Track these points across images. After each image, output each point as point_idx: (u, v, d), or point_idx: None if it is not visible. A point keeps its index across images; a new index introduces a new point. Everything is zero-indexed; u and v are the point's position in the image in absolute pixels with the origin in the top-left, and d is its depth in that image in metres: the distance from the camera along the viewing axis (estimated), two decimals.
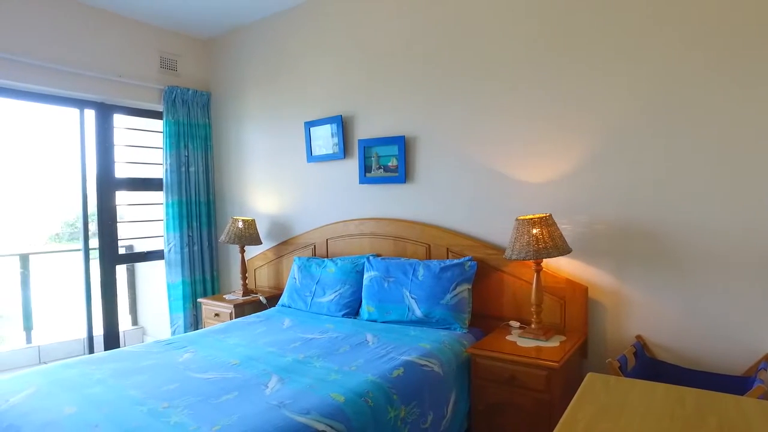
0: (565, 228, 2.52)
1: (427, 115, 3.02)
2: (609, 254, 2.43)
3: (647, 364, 2.22)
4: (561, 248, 2.28)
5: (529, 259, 2.28)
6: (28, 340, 4.74)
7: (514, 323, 2.62)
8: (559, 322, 2.53)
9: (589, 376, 1.45)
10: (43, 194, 7.45)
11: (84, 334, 3.98)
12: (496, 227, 2.78)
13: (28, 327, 4.75)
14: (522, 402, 2.16)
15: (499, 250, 2.73)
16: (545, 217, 2.33)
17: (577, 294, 2.47)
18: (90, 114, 3.81)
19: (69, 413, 1.73)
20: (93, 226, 3.91)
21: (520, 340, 2.37)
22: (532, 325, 2.42)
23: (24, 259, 4.87)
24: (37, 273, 4.95)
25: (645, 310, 2.35)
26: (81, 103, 3.75)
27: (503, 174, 2.75)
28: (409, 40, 3.09)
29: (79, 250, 4.25)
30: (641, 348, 2.27)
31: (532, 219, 2.31)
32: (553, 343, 2.30)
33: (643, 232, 2.32)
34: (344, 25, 3.41)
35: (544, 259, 2.34)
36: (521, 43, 2.64)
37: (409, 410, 1.99)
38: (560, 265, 2.56)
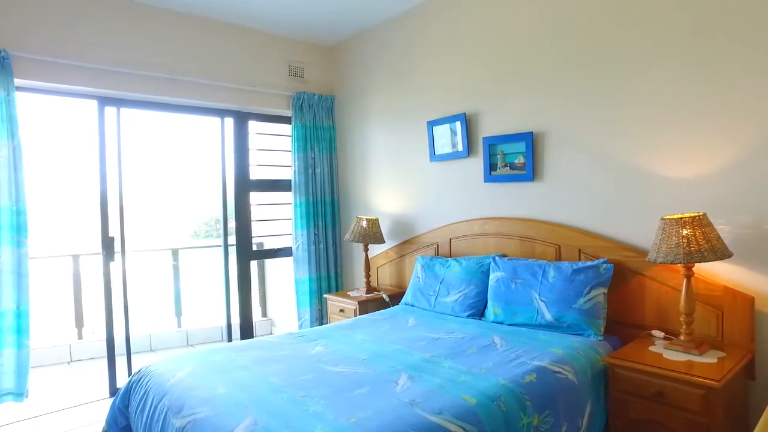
0: (723, 229, 2.22)
1: (557, 110, 2.86)
2: None
3: None
4: (718, 251, 2.02)
5: (677, 263, 2.05)
6: (178, 324, 5.34)
7: (658, 333, 2.38)
8: (714, 335, 2.25)
9: None
10: (187, 196, 8.37)
11: (223, 322, 4.37)
12: (636, 227, 2.55)
13: (178, 312, 5.36)
14: (672, 423, 1.95)
15: (639, 252, 2.50)
16: (698, 216, 2.07)
17: (740, 304, 2.17)
18: (229, 122, 4.18)
19: (221, 393, 1.90)
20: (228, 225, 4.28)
21: (667, 353, 2.14)
22: (681, 337, 2.17)
23: (175, 253, 5.51)
24: (183, 265, 5.57)
25: None
26: (221, 113, 4.12)
27: (644, 169, 2.51)
28: (536, 33, 2.95)
29: (219, 246, 4.69)
30: None
31: (681, 219, 2.08)
32: (709, 358, 2.04)
33: None
34: (467, 22, 3.36)
35: (695, 264, 2.10)
36: (669, 28, 2.39)
37: (542, 419, 1.89)
38: (716, 271, 2.27)
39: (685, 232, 2.04)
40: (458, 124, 3.35)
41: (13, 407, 3.11)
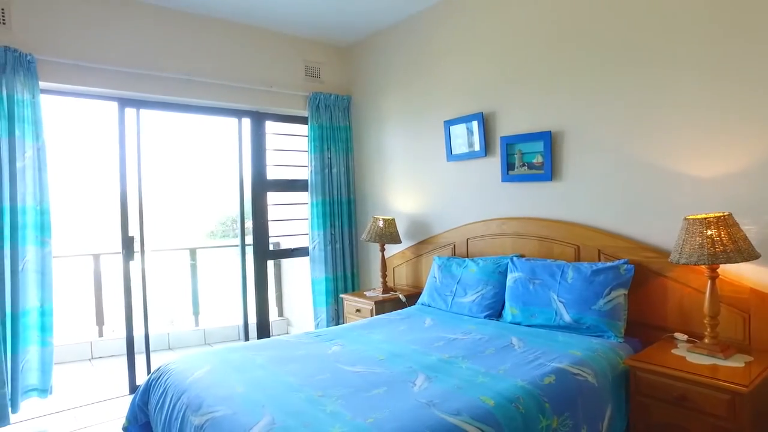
0: (749, 230, 2.16)
1: (576, 109, 2.82)
2: None
3: None
4: (745, 252, 1.97)
5: (701, 264, 2.01)
6: (196, 323, 5.39)
7: (681, 336, 2.33)
8: (741, 339, 2.19)
9: None
10: (204, 197, 8.48)
11: (240, 322, 4.41)
12: (658, 228, 2.50)
13: (195, 312, 5.41)
14: (696, 428, 1.90)
15: (661, 252, 2.45)
16: (723, 216, 2.03)
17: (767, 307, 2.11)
18: (246, 122, 4.21)
19: (239, 392, 1.91)
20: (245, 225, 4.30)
21: (690, 356, 2.09)
22: (705, 340, 2.12)
23: (192, 252, 5.56)
24: (201, 265, 5.63)
25: None
26: (239, 113, 4.15)
27: (666, 168, 2.46)
28: (554, 31, 2.92)
29: (236, 245, 4.73)
30: None
31: (705, 219, 2.03)
32: (736, 363, 1.99)
33: None
34: (483, 20, 3.33)
35: (720, 265, 2.05)
36: (690, 23, 2.34)
37: (561, 421, 1.87)
38: (742, 273, 2.21)
39: (709, 232, 2.00)
40: (475, 123, 3.33)
41: (37, 403, 3.17)
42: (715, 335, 2.10)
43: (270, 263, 4.59)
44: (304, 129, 4.41)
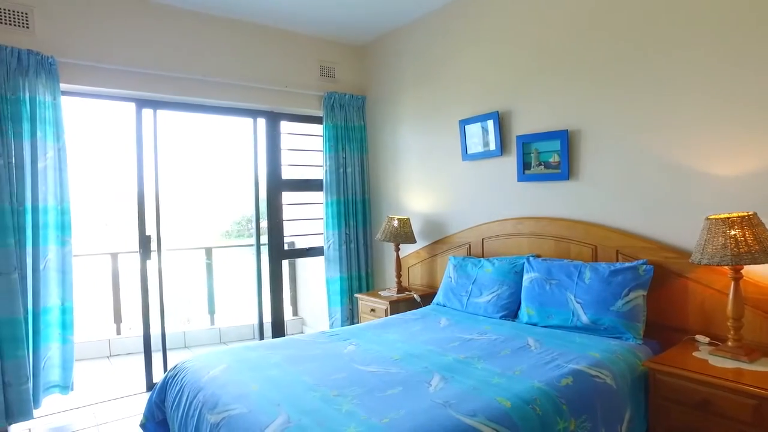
0: None
1: (594, 107, 2.78)
2: None
3: None
4: None
5: (725, 265, 1.96)
6: (212, 322, 5.43)
7: (702, 338, 2.28)
8: (767, 343, 2.13)
9: None
10: (220, 196, 8.54)
11: (255, 321, 4.43)
12: (677, 227, 2.45)
13: (211, 311, 5.45)
14: None
15: (681, 253, 2.40)
16: (748, 216, 1.98)
17: None
18: (261, 122, 4.22)
19: (255, 390, 1.91)
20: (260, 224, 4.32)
21: (713, 359, 2.05)
22: (729, 343, 2.08)
23: (208, 251, 5.61)
24: (216, 264, 5.67)
25: None
26: (254, 113, 4.17)
27: (686, 167, 2.41)
28: (570, 28, 2.88)
29: (251, 245, 4.75)
30: None
31: (729, 218, 1.99)
32: (761, 367, 1.94)
33: None
34: (499, 18, 3.30)
35: (744, 266, 2.00)
36: (711, 17, 2.29)
37: (579, 424, 1.84)
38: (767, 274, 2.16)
39: (733, 232, 1.95)
40: (491, 122, 3.30)
41: (59, 399, 3.21)
42: (739, 338, 2.05)
43: (285, 263, 4.60)
44: (318, 129, 4.41)
